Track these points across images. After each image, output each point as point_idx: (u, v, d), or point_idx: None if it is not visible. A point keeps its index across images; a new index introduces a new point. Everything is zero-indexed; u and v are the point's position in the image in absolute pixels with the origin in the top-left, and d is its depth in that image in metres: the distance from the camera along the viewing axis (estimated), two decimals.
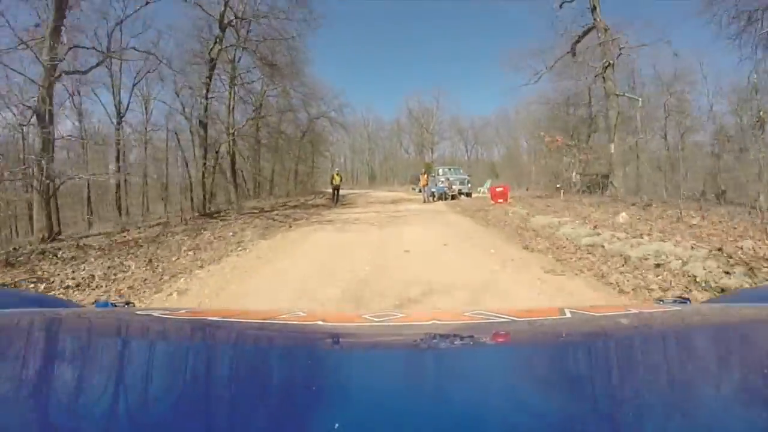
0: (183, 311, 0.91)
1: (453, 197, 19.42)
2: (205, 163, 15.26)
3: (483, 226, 10.16)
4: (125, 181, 28.84)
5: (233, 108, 19.48)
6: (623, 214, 8.58)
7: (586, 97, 31.57)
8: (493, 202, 14.06)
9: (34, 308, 0.95)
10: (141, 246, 8.30)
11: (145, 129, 29.22)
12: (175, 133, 19.63)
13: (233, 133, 18.54)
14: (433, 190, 19.29)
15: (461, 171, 22.88)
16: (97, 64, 13.57)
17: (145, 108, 28.70)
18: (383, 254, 6.51)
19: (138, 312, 1.03)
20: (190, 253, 7.46)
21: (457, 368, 0.52)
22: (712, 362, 0.58)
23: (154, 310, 0.91)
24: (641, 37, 16.66)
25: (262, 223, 10.92)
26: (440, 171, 21.97)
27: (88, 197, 26.18)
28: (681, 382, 0.49)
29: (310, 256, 6.69)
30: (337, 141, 47.93)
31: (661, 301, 1.17)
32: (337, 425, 0.35)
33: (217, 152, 16.34)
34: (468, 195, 20.28)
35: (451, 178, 20.37)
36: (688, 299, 1.13)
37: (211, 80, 15.81)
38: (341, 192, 19.42)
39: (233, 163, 18.65)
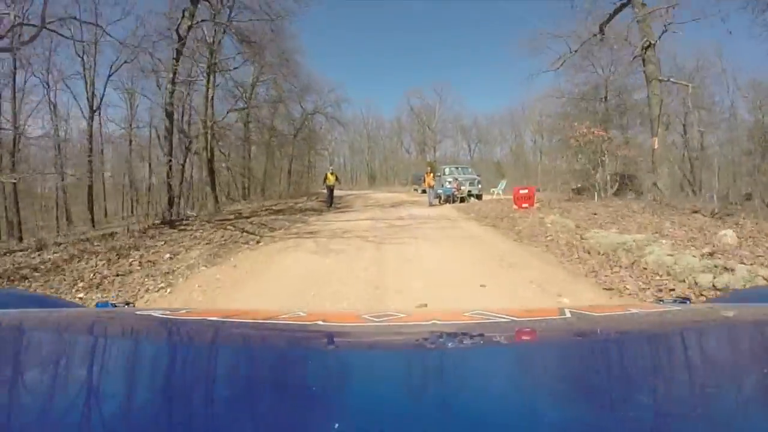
0: (183, 311, 0.90)
1: (462, 200, 16.66)
2: (170, 161, 12.46)
3: (516, 241, 7.39)
4: (103, 182, 26.29)
5: (212, 98, 16.71)
6: (729, 231, 5.81)
7: (605, 90, 28.91)
8: (516, 207, 11.28)
9: (34, 308, 0.93)
10: (29, 277, 5.54)
11: (130, 125, 26.60)
12: (155, 129, 16.95)
13: (211, 126, 15.79)
14: (439, 191, 16.50)
15: (470, 170, 20.05)
16: (31, 39, 10.78)
17: (130, 103, 26.03)
18: (381, 307, 3.72)
19: (138, 312, 1.01)
20: (81, 295, 4.70)
21: (457, 368, 0.51)
22: (711, 362, 0.56)
23: (155, 310, 0.87)
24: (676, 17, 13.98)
25: (224, 237, 8.15)
26: (446, 170, 19.16)
27: (63, 200, 23.60)
28: (681, 382, 0.48)
29: (256, 307, 3.92)
30: (336, 139, 45.22)
31: (661, 301, 1.12)
32: (337, 425, 0.35)
33: (187, 148, 13.57)
34: (478, 197, 17.50)
35: (459, 178, 17.59)
36: (688, 299, 1.12)
37: (178, 61, 13.02)
38: (335, 193, 16.60)
39: (210, 161, 15.89)
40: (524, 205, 11.31)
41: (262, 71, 22.44)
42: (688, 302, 1.04)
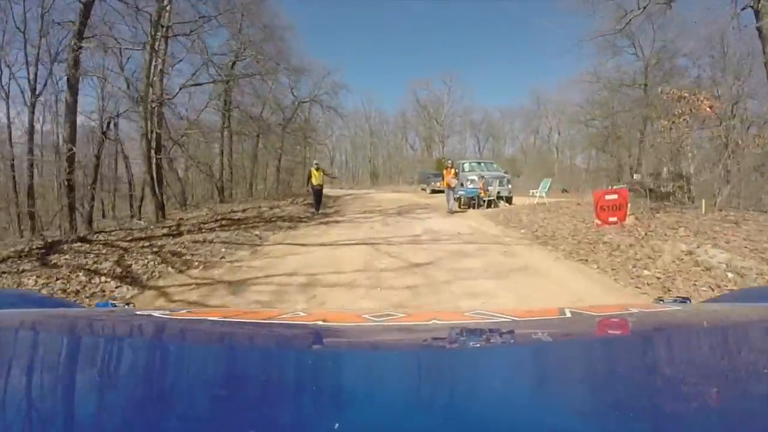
0: (183, 311, 0.87)
1: (489, 203, 12.30)
2: (71, 151, 8.14)
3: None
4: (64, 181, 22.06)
5: (161, 70, 12.38)
6: None
7: (645, 76, 24.37)
8: (599, 221, 6.88)
9: (34, 308, 0.91)
10: None
11: (100, 117, 22.38)
12: (110, 120, 12.57)
13: (155, 107, 11.44)
14: (460, 192, 12.07)
15: (495, 166, 15.58)
16: None
17: (101, 89, 21.77)
18: None
19: (138, 312, 0.96)
20: None
21: (457, 368, 0.50)
22: (712, 362, 0.55)
23: (155, 310, 0.83)
24: None
25: (60, 289, 3.77)
26: (466, 166, 14.75)
27: (14, 201, 19.47)
28: (681, 382, 0.47)
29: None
30: (335, 134, 40.75)
31: (661, 300, 1.07)
32: (337, 425, 0.34)
33: (104, 133, 9.23)
34: (508, 200, 13.13)
35: (486, 176, 13.18)
36: (688, 299, 1.02)
37: (90, 8, 8.71)
38: (326, 192, 12.11)
39: (156, 151, 11.50)
40: (612, 219, 6.90)
41: (242, 49, 18.16)
42: (688, 302, 0.98)
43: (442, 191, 22.47)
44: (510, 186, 13.78)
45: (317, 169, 11.33)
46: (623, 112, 25.10)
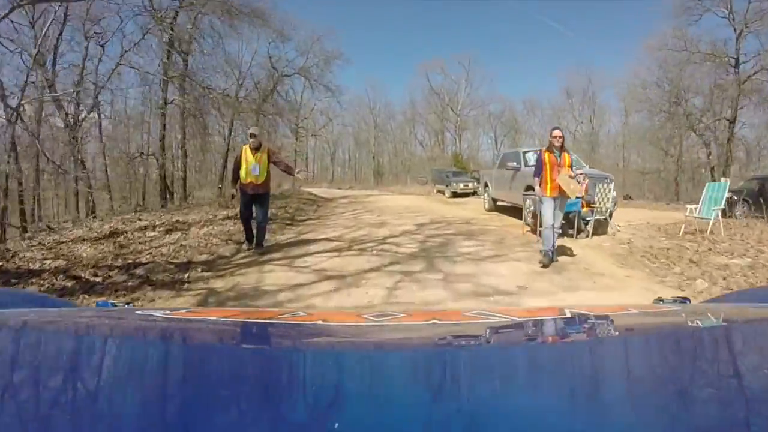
0: (183, 311, 0.87)
1: (591, 225, 6.31)
2: None
3: None
4: None
5: None
6: None
7: (737, 50, 18.07)
8: None
9: (35, 308, 0.89)
10: None
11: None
12: None
13: None
14: (573, 209, 5.95)
15: (575, 157, 9.17)
16: None
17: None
18: None
19: (138, 312, 0.97)
20: None
21: (457, 368, 0.49)
22: (712, 362, 0.54)
23: (155, 310, 0.85)
24: None
25: None
26: (530, 156, 8.55)
27: None
28: (681, 382, 0.47)
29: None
30: (336, 127, 34.73)
31: (661, 301, 1.01)
32: (337, 425, 0.33)
33: None
34: (609, 217, 7.05)
35: (584, 173, 7.02)
36: (688, 299, 0.98)
37: None
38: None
39: None
40: None
41: None
42: (688, 302, 0.95)
43: (465, 194, 15.82)
44: (615, 194, 7.65)
45: (256, 150, 5.04)
46: (702, 93, 18.90)
